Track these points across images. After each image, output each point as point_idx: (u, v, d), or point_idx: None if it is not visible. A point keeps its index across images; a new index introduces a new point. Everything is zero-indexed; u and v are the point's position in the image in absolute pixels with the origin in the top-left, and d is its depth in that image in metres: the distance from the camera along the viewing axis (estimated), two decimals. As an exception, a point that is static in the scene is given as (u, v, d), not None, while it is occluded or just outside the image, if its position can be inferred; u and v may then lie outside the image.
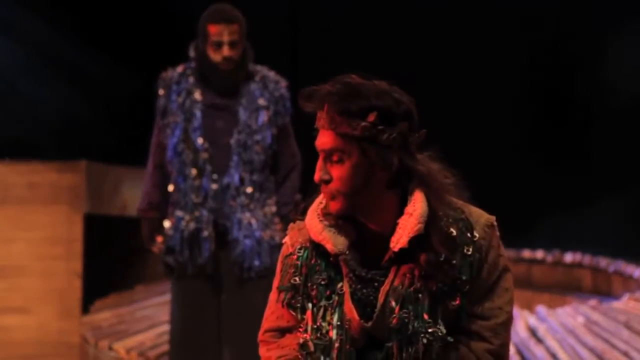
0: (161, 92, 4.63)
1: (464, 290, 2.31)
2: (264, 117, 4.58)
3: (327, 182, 2.30)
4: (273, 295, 2.45)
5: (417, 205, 2.28)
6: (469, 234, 2.32)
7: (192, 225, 4.51)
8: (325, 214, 2.34)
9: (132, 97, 7.65)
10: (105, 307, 6.71)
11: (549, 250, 7.82)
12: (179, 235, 4.52)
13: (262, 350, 2.49)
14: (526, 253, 7.85)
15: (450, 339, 2.30)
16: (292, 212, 2.46)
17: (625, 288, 7.20)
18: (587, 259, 7.65)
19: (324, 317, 2.35)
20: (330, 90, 2.29)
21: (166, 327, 5.26)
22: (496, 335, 2.34)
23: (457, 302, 2.30)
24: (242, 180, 4.52)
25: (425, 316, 2.29)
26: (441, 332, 2.29)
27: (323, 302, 2.35)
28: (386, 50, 8.49)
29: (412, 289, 2.29)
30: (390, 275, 2.31)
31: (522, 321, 6.02)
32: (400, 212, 2.30)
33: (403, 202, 2.31)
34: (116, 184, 7.08)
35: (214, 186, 4.52)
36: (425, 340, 2.28)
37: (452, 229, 2.31)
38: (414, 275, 2.29)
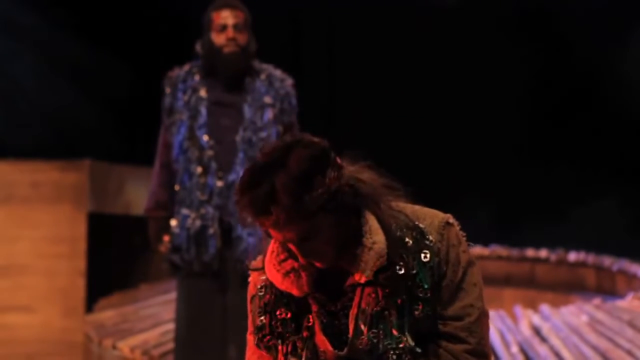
0: (167, 90, 4.64)
1: (427, 297, 2.28)
2: (269, 114, 4.58)
3: (316, 258, 2.26)
4: (249, 337, 2.44)
5: (375, 237, 2.26)
6: (424, 240, 2.30)
7: (197, 223, 4.51)
8: (280, 261, 2.31)
9: (137, 96, 7.65)
10: (109, 305, 6.71)
11: (553, 249, 7.81)
12: (185, 233, 4.53)
13: None
14: (530, 252, 7.84)
15: (418, 349, 2.29)
16: (249, 267, 2.42)
17: (629, 287, 7.19)
18: (590, 258, 7.64)
19: (294, 352, 2.34)
20: (257, 197, 2.19)
21: (170, 326, 5.26)
22: (471, 333, 2.32)
23: (419, 311, 2.28)
24: (247, 178, 4.52)
25: (394, 332, 2.28)
26: (409, 343, 2.28)
27: (291, 337, 2.34)
28: (388, 49, 8.49)
29: (377, 307, 2.28)
30: (356, 299, 2.30)
31: (526, 320, 6.02)
32: (355, 238, 2.26)
33: (355, 224, 2.27)
34: (120, 182, 7.09)
35: (219, 183, 4.53)
36: (395, 357, 2.27)
37: (406, 239, 2.29)
38: (378, 294, 2.28)
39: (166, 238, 4.60)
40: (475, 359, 2.33)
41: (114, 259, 7.27)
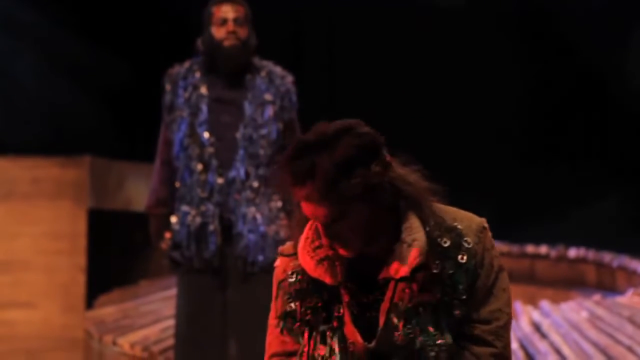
0: (168, 87, 4.64)
1: (462, 298, 2.31)
2: (269, 111, 4.58)
3: (340, 243, 2.28)
4: (272, 321, 2.44)
5: (415, 234, 2.29)
6: (462, 242, 2.32)
7: (198, 220, 4.51)
8: (315, 248, 2.33)
9: (137, 93, 7.65)
10: (109, 301, 6.71)
11: (553, 246, 7.81)
12: (186, 230, 4.53)
13: None
14: (530, 248, 7.84)
15: (457, 347, 2.31)
16: (278, 252, 2.43)
17: (629, 283, 7.19)
18: (591, 254, 7.65)
19: (323, 341, 2.35)
20: (300, 169, 2.23)
21: (170, 322, 5.27)
22: (499, 337, 2.34)
23: (458, 311, 2.31)
24: (247, 174, 4.52)
25: (430, 329, 2.30)
26: (449, 341, 2.30)
27: (322, 327, 2.35)
28: (388, 46, 8.48)
29: (411, 304, 2.29)
30: (389, 293, 2.31)
31: (526, 316, 6.02)
32: (393, 233, 2.29)
33: (395, 222, 2.30)
34: (120, 179, 7.09)
35: (220, 180, 4.53)
36: (434, 353, 2.29)
37: (444, 240, 2.32)
38: (412, 290, 2.29)
39: (168, 235, 4.60)
40: None
41: (114, 255, 7.27)
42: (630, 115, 8.41)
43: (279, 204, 4.59)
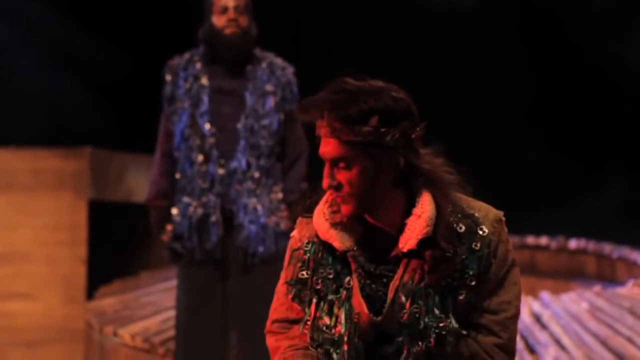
0: (168, 78, 4.63)
1: (471, 284, 2.33)
2: (271, 102, 4.58)
3: (336, 188, 2.32)
4: (281, 288, 2.46)
5: (425, 207, 2.30)
6: (477, 230, 2.34)
7: (199, 211, 4.51)
8: (332, 212, 2.36)
9: (138, 84, 7.65)
10: (110, 293, 6.72)
11: (553, 237, 7.81)
12: (187, 222, 4.53)
13: (270, 341, 2.49)
14: (530, 239, 7.84)
15: (464, 332, 2.33)
16: (300, 203, 2.47)
17: (629, 274, 7.20)
18: (591, 245, 7.65)
19: (330, 311, 2.37)
20: (328, 98, 2.29)
21: (171, 313, 5.27)
22: (505, 329, 2.36)
23: (464, 295, 2.32)
24: (249, 165, 4.52)
25: (436, 310, 2.31)
26: (453, 325, 2.31)
27: (330, 296, 2.37)
28: (388, 38, 8.47)
29: (422, 284, 2.31)
30: (400, 271, 2.33)
31: (526, 307, 6.03)
32: (408, 210, 2.32)
33: (410, 200, 2.33)
34: (120, 170, 7.08)
35: (221, 171, 4.52)
36: (434, 335, 2.30)
37: (460, 225, 2.33)
38: (424, 271, 2.31)
39: (169, 227, 4.60)
40: (503, 354, 2.37)
41: (115, 247, 7.27)
42: (631, 105, 8.40)
43: (280, 195, 4.59)
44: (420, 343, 2.31)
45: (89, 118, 7.68)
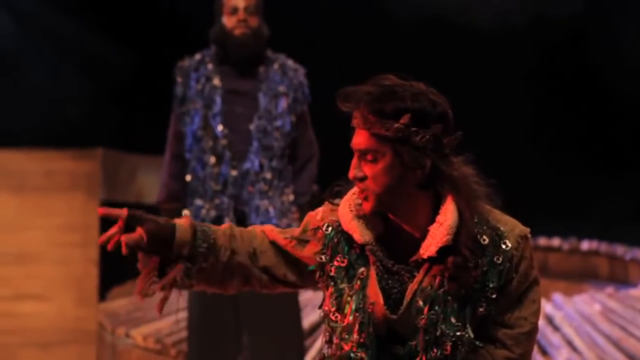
0: (179, 79, 4.62)
1: (490, 297, 2.33)
2: (283, 103, 4.57)
3: (361, 179, 2.33)
4: (288, 231, 2.49)
5: (448, 215, 2.31)
6: (500, 244, 2.34)
7: (212, 213, 4.50)
8: (357, 204, 2.38)
9: (149, 86, 7.66)
10: (122, 294, 6.73)
11: (566, 238, 7.81)
12: (200, 224, 4.51)
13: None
14: (542, 241, 7.84)
15: (479, 343, 2.34)
16: (325, 196, 2.49)
17: (641, 276, 7.18)
18: (603, 247, 7.64)
19: (339, 300, 2.38)
20: (367, 90, 2.32)
21: (183, 314, 5.27)
22: (518, 344, 2.37)
23: (483, 309, 2.33)
24: (261, 166, 4.52)
25: (453, 319, 2.32)
26: (469, 336, 2.32)
27: (342, 285, 2.38)
28: (398, 46, 8.47)
29: (441, 291, 2.32)
30: (419, 275, 2.34)
31: (539, 309, 6.02)
32: (432, 216, 2.33)
33: (435, 205, 2.34)
34: (132, 171, 7.10)
35: (234, 172, 4.52)
36: (451, 344, 2.31)
37: (484, 237, 2.34)
38: (444, 278, 2.32)
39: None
40: None
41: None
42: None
43: (291, 197, 4.59)
44: (435, 350, 2.31)
45: (100, 120, 7.69)
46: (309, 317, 5.62)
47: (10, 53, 7.51)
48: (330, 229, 2.42)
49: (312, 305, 5.88)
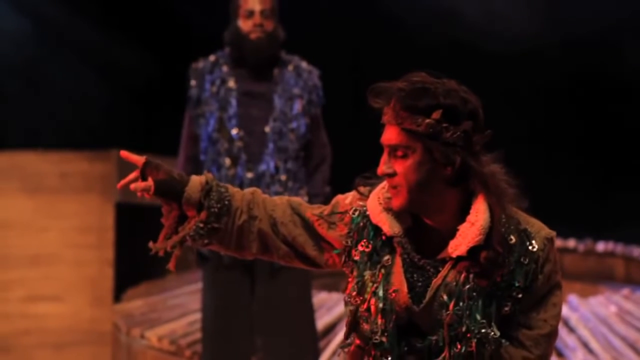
0: (193, 82, 4.62)
1: (517, 297, 2.34)
2: (298, 105, 4.57)
3: (391, 175, 2.34)
4: (316, 208, 2.50)
5: (479, 215, 2.32)
6: (527, 244, 2.35)
7: (228, 215, 4.49)
8: (386, 198, 2.39)
9: (165, 87, 7.67)
10: (137, 295, 6.74)
11: (581, 239, 7.78)
12: (215, 226, 4.51)
13: None
14: (557, 242, 7.79)
15: (505, 342, 2.34)
16: (356, 184, 2.51)
17: (658, 277, 7.16)
18: (619, 248, 7.61)
19: (362, 285, 2.39)
20: (399, 86, 2.32)
21: (198, 316, 5.28)
22: (537, 345, 2.37)
23: (508, 308, 2.34)
24: (277, 169, 4.52)
25: (478, 316, 2.32)
26: (495, 334, 2.32)
27: (365, 270, 2.39)
28: (411, 49, 8.46)
29: (466, 287, 2.32)
30: (444, 271, 2.34)
31: (554, 310, 6.00)
32: (462, 213, 2.33)
33: (464, 203, 2.34)
34: (147, 172, 7.10)
35: (249, 175, 4.52)
36: (476, 341, 2.31)
37: (511, 237, 2.34)
38: (469, 274, 2.32)
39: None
40: None
41: (142, 249, 7.28)
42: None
43: (305, 199, 4.59)
44: (459, 346, 2.32)
45: (116, 121, 7.71)
46: (324, 319, 5.62)
47: (31, 57, 7.53)
48: (357, 213, 2.43)
49: (326, 306, 5.87)
